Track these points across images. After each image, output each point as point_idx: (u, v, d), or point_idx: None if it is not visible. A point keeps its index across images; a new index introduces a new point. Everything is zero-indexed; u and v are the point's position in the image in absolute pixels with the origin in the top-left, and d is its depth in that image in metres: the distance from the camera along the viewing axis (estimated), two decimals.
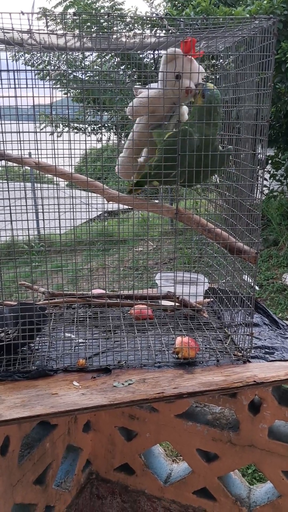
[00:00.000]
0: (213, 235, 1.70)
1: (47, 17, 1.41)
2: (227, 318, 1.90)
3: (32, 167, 1.71)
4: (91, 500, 2.54)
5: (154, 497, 2.39)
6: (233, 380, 1.50)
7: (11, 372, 1.55)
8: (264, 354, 1.70)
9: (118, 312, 2.02)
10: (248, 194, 1.62)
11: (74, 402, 1.39)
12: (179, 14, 6.12)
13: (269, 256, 6.37)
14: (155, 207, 1.74)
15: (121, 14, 6.43)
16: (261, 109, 1.50)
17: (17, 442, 1.83)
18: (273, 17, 1.39)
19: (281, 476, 2.07)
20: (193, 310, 1.95)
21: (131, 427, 2.34)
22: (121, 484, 2.46)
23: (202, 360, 1.64)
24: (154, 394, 1.43)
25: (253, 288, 1.61)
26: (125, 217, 3.26)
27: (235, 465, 2.18)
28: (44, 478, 2.04)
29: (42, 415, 1.35)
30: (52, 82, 1.47)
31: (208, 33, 1.52)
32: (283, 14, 5.51)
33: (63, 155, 1.54)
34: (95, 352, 1.68)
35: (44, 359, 1.65)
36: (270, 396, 2.01)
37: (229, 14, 5.54)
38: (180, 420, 2.21)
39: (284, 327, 1.94)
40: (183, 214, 1.68)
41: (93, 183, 1.69)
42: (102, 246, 1.60)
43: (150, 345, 1.72)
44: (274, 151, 7.64)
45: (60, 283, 1.81)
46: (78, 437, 2.33)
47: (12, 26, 1.32)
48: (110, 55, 4.56)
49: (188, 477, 2.27)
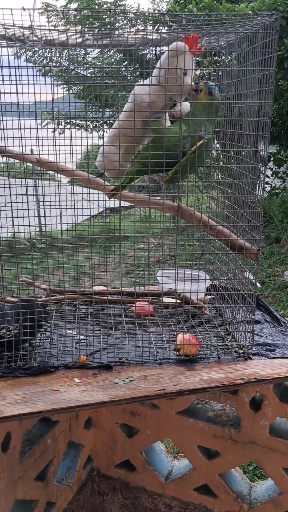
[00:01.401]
0: (214, 232, 1.70)
1: (49, 13, 1.41)
2: (229, 315, 1.90)
3: (33, 164, 1.70)
4: (92, 497, 2.54)
5: (155, 494, 2.39)
6: (234, 377, 1.50)
7: (12, 368, 1.56)
8: (265, 351, 1.70)
9: (119, 309, 2.03)
10: (250, 191, 1.61)
11: (75, 399, 1.39)
12: (182, 11, 6.11)
13: (271, 253, 6.37)
14: (156, 204, 1.74)
15: (123, 10, 6.42)
16: (263, 105, 1.50)
17: (18, 438, 1.83)
18: (276, 13, 1.39)
19: (282, 473, 2.07)
20: (195, 307, 1.95)
21: (132, 423, 2.34)
22: (122, 480, 2.46)
23: (203, 357, 1.64)
24: (155, 391, 1.43)
25: (255, 285, 1.61)
26: (127, 214, 3.26)
27: (236, 462, 2.18)
28: (45, 475, 2.04)
29: (43, 411, 1.35)
30: (54, 78, 1.46)
31: (210, 30, 1.52)
32: (286, 10, 5.50)
33: (64, 151, 1.54)
34: (96, 349, 1.68)
35: (45, 355, 1.65)
36: (271, 393, 2.01)
37: (231, 11, 5.53)
38: (181, 417, 2.21)
39: (286, 324, 1.94)
40: (185, 211, 1.68)
41: (94, 180, 1.68)
42: (104, 243, 1.59)
43: (151, 342, 1.72)
44: (277, 148, 7.64)
45: (61, 280, 1.81)
46: (79, 434, 2.33)
47: (13, 22, 1.32)
48: (113, 51, 4.56)
49: (189, 474, 2.27)
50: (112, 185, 1.74)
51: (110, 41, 1.68)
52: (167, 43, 1.63)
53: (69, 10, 1.51)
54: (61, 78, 2.01)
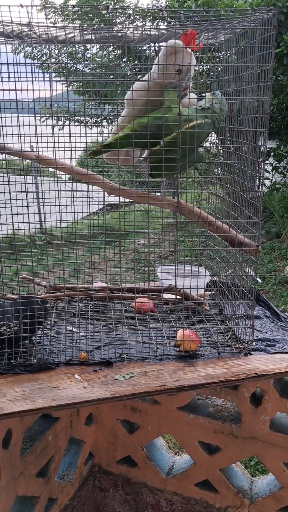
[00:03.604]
0: (213, 228, 1.70)
1: (47, 9, 1.41)
2: (229, 310, 1.90)
3: (32, 161, 1.70)
4: (93, 493, 2.55)
5: (157, 489, 2.40)
6: (234, 373, 1.51)
7: (13, 365, 1.56)
8: (265, 346, 1.70)
9: (120, 305, 2.03)
10: (249, 187, 1.62)
11: (75, 395, 1.39)
12: (181, 7, 6.09)
13: (271, 248, 6.37)
14: (156, 200, 1.74)
15: (122, 6, 6.40)
16: (262, 101, 1.50)
17: (19, 435, 1.84)
18: (273, 9, 1.39)
19: (283, 468, 2.08)
20: (195, 303, 1.96)
21: (133, 419, 2.35)
22: (124, 476, 2.47)
23: (204, 353, 1.64)
24: (155, 387, 1.43)
25: (254, 280, 1.61)
26: (128, 210, 3.26)
27: (237, 457, 2.19)
28: (46, 471, 2.05)
29: (43, 408, 1.35)
30: (52, 74, 1.46)
31: (208, 26, 1.52)
32: (285, 6, 5.48)
33: (64, 148, 1.54)
34: (97, 345, 1.69)
35: (46, 352, 1.66)
36: (272, 389, 2.01)
37: (230, 6, 5.51)
38: (182, 413, 2.22)
39: (285, 319, 1.94)
40: (184, 207, 1.68)
41: (93, 176, 1.68)
42: (104, 239, 1.59)
43: (152, 338, 1.72)
44: (277, 143, 7.62)
45: (62, 276, 1.81)
46: (81, 430, 2.34)
47: (11, 19, 1.32)
48: (112, 48, 4.55)
49: (190, 469, 2.28)
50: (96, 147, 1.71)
51: (108, 38, 1.68)
52: (166, 39, 1.63)
53: (67, 7, 1.51)
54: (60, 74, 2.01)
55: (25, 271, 2.07)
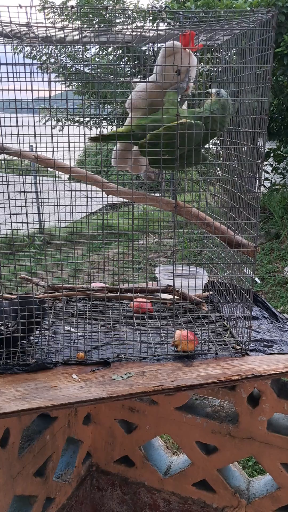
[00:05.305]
0: (212, 228, 1.70)
1: (46, 10, 1.41)
2: (226, 311, 1.91)
3: (31, 161, 1.71)
4: (91, 492, 2.56)
5: (154, 489, 2.40)
6: (231, 373, 1.51)
7: (11, 365, 1.56)
8: (263, 347, 1.71)
9: (118, 305, 2.03)
10: (248, 188, 1.62)
11: (73, 395, 1.39)
12: (180, 8, 6.10)
13: (270, 249, 6.37)
14: (154, 201, 1.74)
15: (122, 8, 6.41)
16: (261, 102, 1.50)
17: (17, 434, 1.84)
18: (272, 10, 1.39)
19: (280, 468, 2.08)
20: (193, 304, 1.96)
21: (131, 419, 2.35)
22: (121, 476, 2.47)
23: (201, 353, 1.65)
24: (153, 387, 1.44)
25: (252, 281, 1.61)
26: (126, 210, 3.26)
27: (234, 457, 2.19)
28: (44, 470, 2.05)
29: (41, 407, 1.35)
30: (52, 75, 1.46)
31: (206, 26, 1.52)
32: (285, 6, 5.48)
33: (63, 148, 1.54)
34: (95, 345, 1.69)
35: (44, 352, 1.66)
36: (269, 389, 2.02)
37: (230, 7, 5.52)
38: (180, 413, 2.22)
39: (283, 320, 1.95)
40: (182, 208, 1.69)
41: (92, 177, 1.69)
42: (103, 239, 1.60)
43: (150, 338, 1.72)
44: (277, 144, 7.63)
45: (60, 276, 1.81)
46: (78, 430, 2.34)
47: (10, 19, 1.32)
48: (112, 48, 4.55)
49: (188, 469, 2.28)
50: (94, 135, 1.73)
51: (108, 38, 1.68)
52: (165, 40, 1.63)
53: (66, 8, 1.51)
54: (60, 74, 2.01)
55: (24, 271, 2.07)
